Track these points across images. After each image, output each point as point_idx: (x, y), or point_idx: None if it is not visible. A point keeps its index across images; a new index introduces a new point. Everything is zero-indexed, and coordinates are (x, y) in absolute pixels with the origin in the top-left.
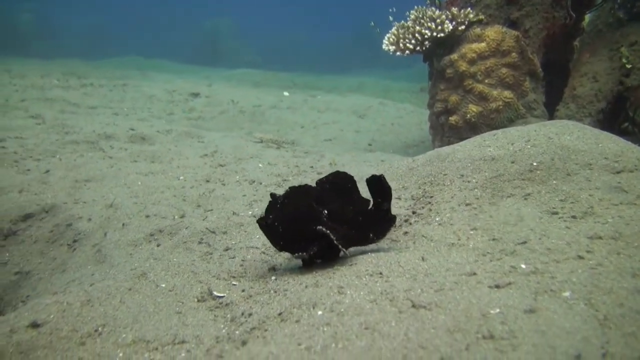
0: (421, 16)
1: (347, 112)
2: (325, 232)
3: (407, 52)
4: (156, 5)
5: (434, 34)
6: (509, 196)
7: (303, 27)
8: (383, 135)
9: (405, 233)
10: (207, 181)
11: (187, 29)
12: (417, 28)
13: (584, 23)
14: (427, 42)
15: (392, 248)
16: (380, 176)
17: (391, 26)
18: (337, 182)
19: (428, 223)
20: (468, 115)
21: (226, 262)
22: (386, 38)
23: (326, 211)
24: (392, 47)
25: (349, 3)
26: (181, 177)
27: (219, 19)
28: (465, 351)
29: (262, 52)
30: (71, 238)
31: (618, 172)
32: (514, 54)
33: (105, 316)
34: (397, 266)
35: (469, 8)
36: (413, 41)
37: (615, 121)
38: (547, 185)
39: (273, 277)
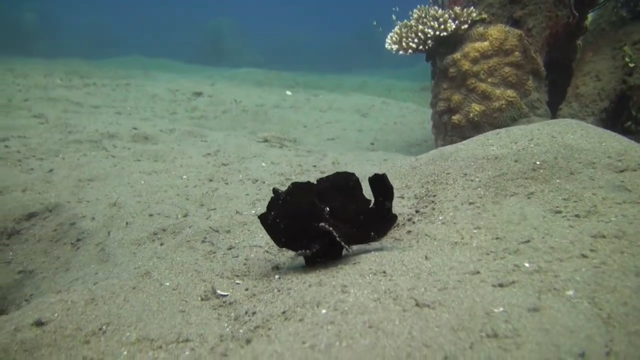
0: (424, 15)
1: (350, 111)
2: (328, 230)
3: (410, 51)
4: (159, 5)
5: (437, 33)
6: (512, 195)
7: (305, 27)
8: (386, 134)
9: (408, 232)
10: (210, 180)
11: (190, 29)
12: (420, 27)
13: (587, 22)
14: (430, 41)
15: (396, 247)
16: (382, 175)
17: (394, 25)
18: (339, 181)
19: (431, 222)
20: (471, 114)
21: (230, 261)
22: (389, 37)
23: (328, 209)
24: (395, 46)
25: (351, 2)
26: (184, 176)
27: (222, 19)
28: (469, 350)
29: (265, 52)
30: (75, 237)
31: (621, 171)
32: (517, 53)
33: (109, 315)
34: (401, 265)
35: (472, 7)
36: (416, 40)
37: (618, 120)
38: (551, 184)
39: (276, 276)
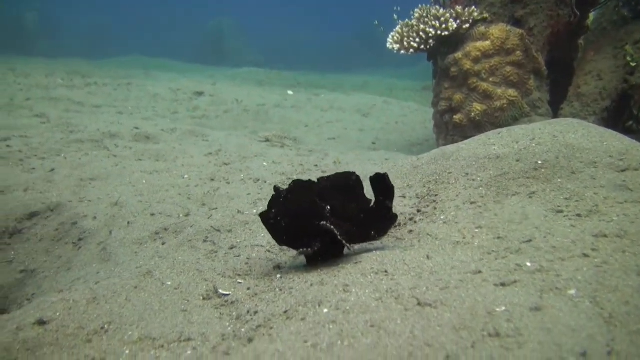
0: (425, 14)
1: (351, 111)
2: (329, 228)
3: (412, 51)
4: (159, 4)
5: (438, 33)
6: (514, 194)
7: (306, 26)
8: (387, 133)
9: (410, 231)
10: (212, 180)
11: (190, 29)
12: (422, 26)
13: (589, 21)
14: (432, 41)
15: (397, 246)
16: (384, 174)
17: (395, 25)
18: (340, 180)
19: (433, 221)
20: (472, 113)
21: (231, 261)
22: (390, 36)
23: (329, 207)
24: (397, 46)
25: (352, 2)
26: (186, 176)
27: (222, 18)
28: (471, 349)
29: (266, 52)
30: (76, 236)
31: (623, 171)
32: (519, 53)
33: (111, 314)
34: (403, 264)
35: (474, 6)
36: (417, 40)
37: (619, 119)
38: (552, 183)
39: (278, 275)
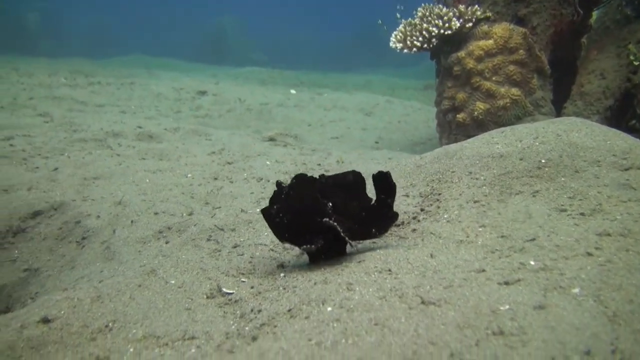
0: (428, 13)
1: (354, 110)
2: (332, 225)
3: (415, 50)
4: (161, 4)
5: (441, 31)
6: (518, 193)
7: (309, 26)
8: (390, 133)
9: (413, 230)
10: (215, 179)
11: (192, 28)
12: (425, 25)
13: (592, 20)
14: (435, 40)
15: (401, 245)
16: (386, 173)
17: (398, 24)
18: (343, 177)
19: (436, 220)
20: (475, 112)
21: (235, 259)
22: (393, 35)
23: (330, 204)
24: (400, 45)
25: (355, 1)
26: (189, 175)
27: (225, 17)
28: (475, 347)
29: (268, 51)
30: (80, 235)
31: (626, 169)
32: (522, 51)
33: (115, 312)
34: (406, 263)
35: (476, 5)
36: (420, 38)
37: (622, 118)
38: (556, 182)
39: (282, 274)
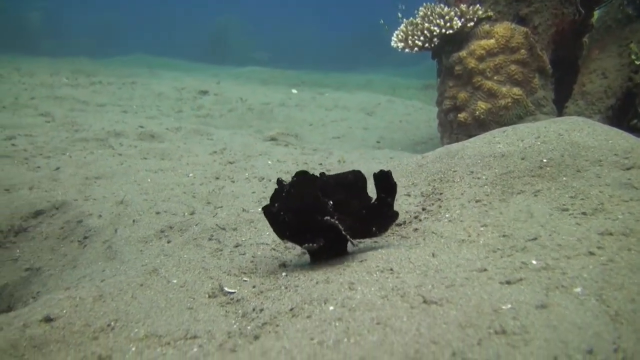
0: (430, 13)
1: (355, 110)
2: (333, 223)
3: (416, 49)
4: (162, 4)
5: (443, 31)
6: (519, 193)
7: (310, 25)
8: (391, 132)
9: (415, 230)
10: (217, 178)
11: (194, 28)
12: (426, 25)
13: (593, 19)
14: (436, 39)
15: (403, 244)
16: (388, 172)
17: (400, 23)
18: (344, 176)
19: (438, 220)
20: (477, 112)
21: (237, 259)
22: (395, 35)
23: (331, 202)
24: (401, 44)
25: (356, 1)
26: (191, 174)
27: (226, 17)
28: (477, 346)
29: (270, 51)
30: (82, 234)
31: (628, 169)
32: (523, 51)
33: (117, 311)
34: (408, 262)
35: (478, 5)
36: (422, 38)
37: (624, 118)
38: (557, 181)
39: (284, 274)
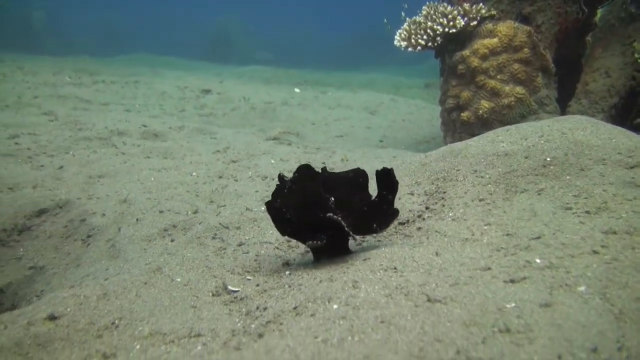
0: (433, 12)
1: (358, 109)
2: (336, 219)
3: (419, 48)
4: (165, 3)
5: (446, 30)
6: (523, 191)
7: (312, 24)
8: (394, 131)
9: (418, 228)
10: (220, 177)
11: (197, 26)
12: (429, 24)
13: (596, 18)
14: (439, 38)
15: (406, 243)
16: (390, 169)
17: (403, 22)
18: (346, 174)
19: (441, 218)
20: (480, 111)
21: (240, 257)
22: (398, 34)
23: (332, 198)
24: (404, 43)
25: (357, 0)
26: (194, 173)
27: (226, 17)
28: (481, 344)
29: (272, 50)
30: (85, 233)
31: (632, 167)
32: (526, 50)
33: (121, 309)
34: (412, 261)
35: (481, 4)
36: (425, 37)
37: (627, 116)
38: (561, 180)
39: (287, 272)
